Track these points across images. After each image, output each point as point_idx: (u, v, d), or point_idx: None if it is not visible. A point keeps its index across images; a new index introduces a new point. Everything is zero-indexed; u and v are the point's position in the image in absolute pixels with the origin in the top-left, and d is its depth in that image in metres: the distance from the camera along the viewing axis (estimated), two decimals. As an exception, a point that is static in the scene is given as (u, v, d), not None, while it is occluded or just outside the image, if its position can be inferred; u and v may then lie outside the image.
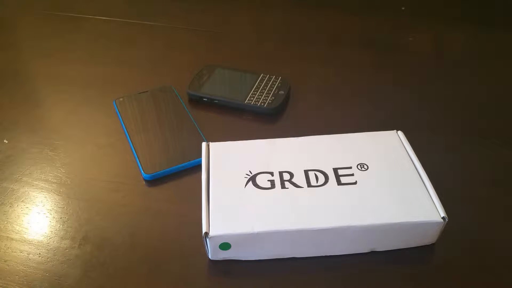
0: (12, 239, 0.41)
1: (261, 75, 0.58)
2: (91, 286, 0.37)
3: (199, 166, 0.47)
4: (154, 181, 0.46)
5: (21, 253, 0.40)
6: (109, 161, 0.49)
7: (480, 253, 0.39)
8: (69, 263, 0.39)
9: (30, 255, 0.40)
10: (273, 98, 0.54)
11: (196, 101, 0.56)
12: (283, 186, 0.39)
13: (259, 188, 0.39)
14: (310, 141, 0.44)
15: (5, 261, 0.39)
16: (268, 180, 0.40)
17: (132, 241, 0.41)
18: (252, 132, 0.52)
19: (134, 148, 0.49)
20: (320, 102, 0.56)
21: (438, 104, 0.56)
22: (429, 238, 0.39)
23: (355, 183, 0.40)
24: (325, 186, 0.39)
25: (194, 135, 0.50)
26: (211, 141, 0.45)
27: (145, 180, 0.46)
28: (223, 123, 0.53)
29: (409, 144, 0.43)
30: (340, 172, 0.41)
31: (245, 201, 0.38)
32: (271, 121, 0.54)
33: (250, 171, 0.41)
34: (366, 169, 0.41)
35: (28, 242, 0.41)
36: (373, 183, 0.40)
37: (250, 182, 0.40)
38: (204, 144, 0.44)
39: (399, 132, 0.45)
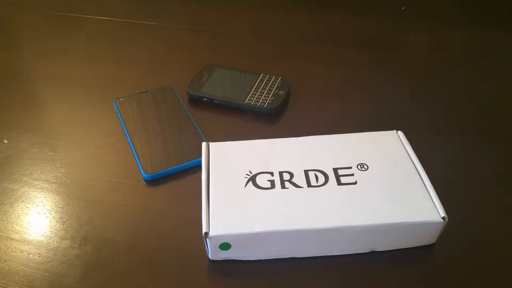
0: (12, 239, 0.41)
1: (261, 75, 0.58)
2: (91, 286, 0.37)
3: (199, 166, 0.47)
4: (154, 181, 0.46)
5: (21, 253, 0.40)
6: (109, 161, 0.49)
7: (480, 253, 0.39)
8: (69, 263, 0.39)
9: (30, 255, 0.40)
10: (273, 98, 0.54)
11: (196, 101, 0.56)
12: (283, 186, 0.39)
13: (259, 188, 0.39)
14: (310, 141, 0.44)
15: (5, 261, 0.39)
16: (268, 180, 0.40)
17: (132, 241, 0.41)
18: (252, 132, 0.52)
19: (134, 148, 0.49)
20: (320, 102, 0.56)
21: (438, 104, 0.56)
22: (429, 238, 0.39)
23: (355, 183, 0.40)
24: (325, 186, 0.39)
25: (194, 135, 0.50)
26: (211, 141, 0.45)
27: (145, 180, 0.46)
28: (223, 123, 0.53)
29: (409, 144, 0.43)
30: (340, 172, 0.41)
31: (245, 201, 0.38)
32: (271, 121, 0.54)
33: (250, 171, 0.41)
34: (366, 169, 0.41)
35: (28, 242, 0.41)
36: (373, 183, 0.40)
37: (250, 182, 0.40)
38: (204, 144, 0.44)
39: (399, 132, 0.45)
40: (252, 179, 0.40)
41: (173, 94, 0.56)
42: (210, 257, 0.39)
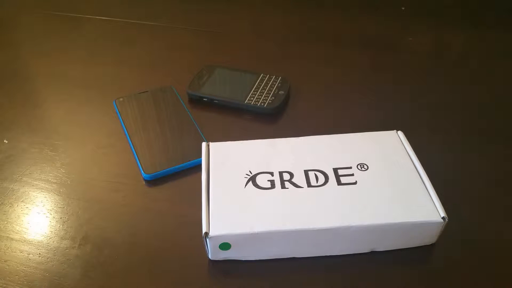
0: (12, 239, 0.41)
1: (261, 75, 0.58)
2: (91, 286, 0.37)
3: (199, 166, 0.47)
4: (154, 181, 0.46)
5: (21, 253, 0.40)
6: (109, 161, 0.49)
7: (480, 253, 0.39)
8: (69, 263, 0.39)
9: (30, 255, 0.40)
10: (273, 98, 0.54)
11: (196, 101, 0.56)
12: (283, 186, 0.39)
13: (259, 188, 0.39)
14: (310, 141, 0.44)
15: (5, 261, 0.39)
16: (268, 180, 0.40)
17: (132, 241, 0.41)
18: (252, 132, 0.52)
19: (134, 148, 0.49)
20: (320, 102, 0.56)
21: (438, 104, 0.56)
22: (429, 238, 0.39)
23: (355, 183, 0.40)
24: (325, 186, 0.39)
25: (194, 135, 0.50)
26: (211, 141, 0.45)
27: (145, 180, 0.46)
28: (223, 123, 0.53)
29: (409, 144, 0.43)
30: (340, 172, 0.41)
31: (245, 201, 0.38)
32: (271, 121, 0.54)
33: (250, 171, 0.41)
34: (366, 169, 0.41)
35: (28, 242, 0.41)
36: (373, 183, 0.40)
37: (250, 182, 0.40)
38: (204, 144, 0.44)
39: (399, 132, 0.45)
40: (252, 179, 0.40)
41: (173, 94, 0.56)
42: (210, 257, 0.39)
